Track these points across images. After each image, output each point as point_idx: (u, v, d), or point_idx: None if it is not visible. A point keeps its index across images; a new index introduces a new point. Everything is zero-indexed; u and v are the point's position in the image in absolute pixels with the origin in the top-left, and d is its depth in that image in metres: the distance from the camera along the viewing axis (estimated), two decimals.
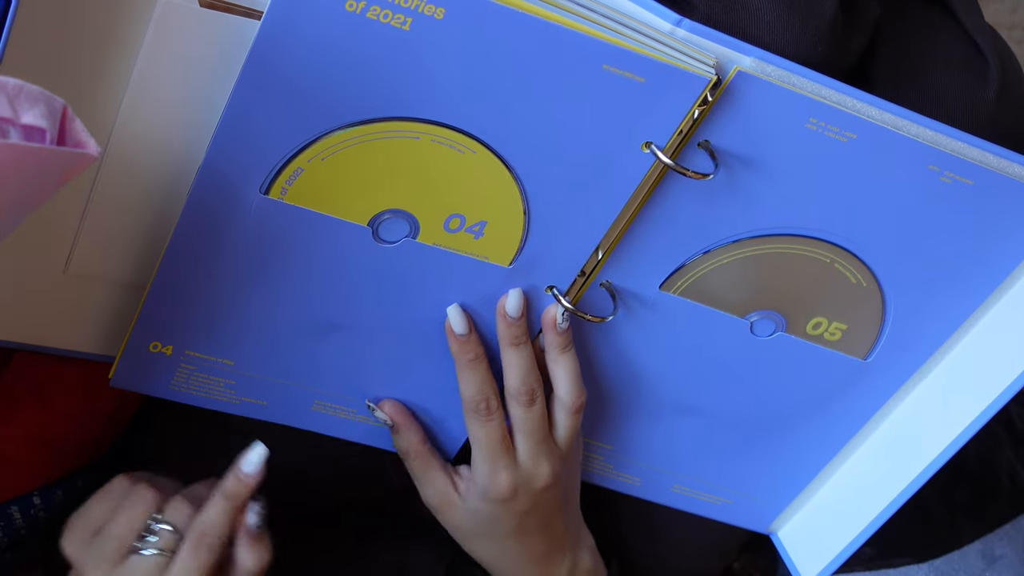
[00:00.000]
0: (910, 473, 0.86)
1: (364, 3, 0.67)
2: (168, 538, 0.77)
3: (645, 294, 0.81)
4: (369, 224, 0.75)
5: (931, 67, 0.86)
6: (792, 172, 0.76)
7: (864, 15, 0.84)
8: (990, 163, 0.77)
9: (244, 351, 0.81)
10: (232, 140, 0.71)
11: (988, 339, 0.84)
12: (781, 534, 0.94)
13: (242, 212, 0.74)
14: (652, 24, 0.71)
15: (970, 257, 0.81)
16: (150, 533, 0.77)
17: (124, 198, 0.74)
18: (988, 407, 0.82)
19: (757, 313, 0.82)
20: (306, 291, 0.78)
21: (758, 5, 0.77)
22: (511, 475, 0.81)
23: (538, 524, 0.84)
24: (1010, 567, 1.07)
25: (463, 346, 0.80)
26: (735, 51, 0.72)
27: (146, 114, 0.71)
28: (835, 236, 0.79)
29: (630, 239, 0.78)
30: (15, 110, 0.57)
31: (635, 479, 0.91)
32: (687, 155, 0.74)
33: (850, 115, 0.74)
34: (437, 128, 0.72)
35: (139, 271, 0.77)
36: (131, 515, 0.77)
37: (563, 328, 0.80)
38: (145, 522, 0.77)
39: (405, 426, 0.84)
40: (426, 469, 0.84)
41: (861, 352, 0.85)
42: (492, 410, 0.81)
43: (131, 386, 0.81)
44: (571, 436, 0.82)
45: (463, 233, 0.76)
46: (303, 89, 0.69)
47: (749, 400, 0.87)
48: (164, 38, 0.69)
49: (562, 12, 0.69)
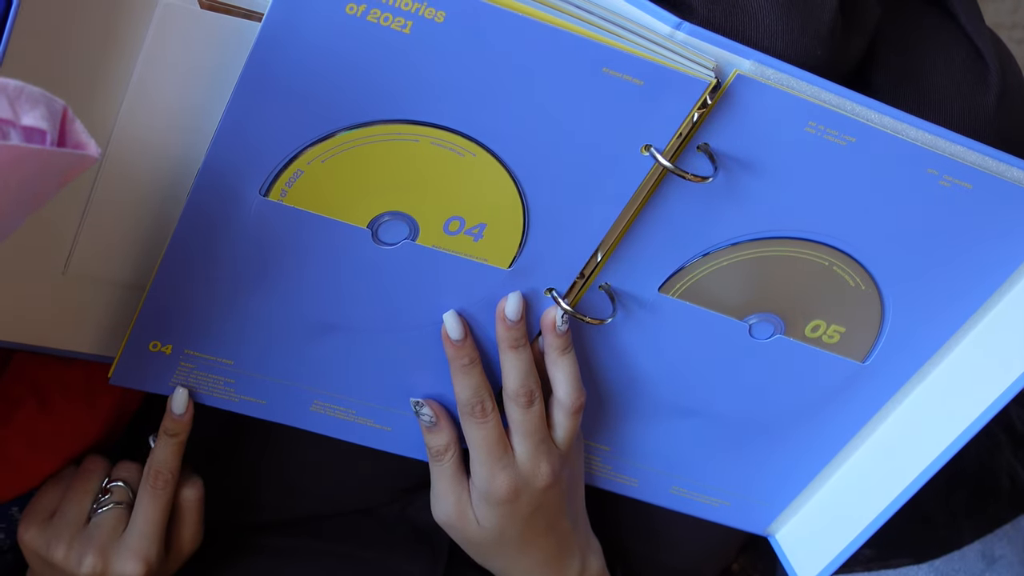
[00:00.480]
0: (908, 476, 0.86)
1: (365, 6, 0.67)
2: (122, 491, 0.84)
3: (644, 296, 0.81)
4: (369, 226, 0.75)
5: (931, 70, 0.86)
6: (791, 175, 0.76)
7: (864, 18, 0.84)
8: (989, 167, 0.77)
9: (243, 350, 0.81)
10: (232, 142, 0.71)
11: (987, 342, 0.84)
12: (779, 536, 0.94)
13: (242, 214, 0.74)
14: (651, 27, 0.71)
15: (969, 260, 0.81)
16: (105, 493, 0.84)
17: (124, 200, 0.74)
18: (986, 410, 0.82)
19: (756, 316, 0.82)
20: (305, 292, 0.78)
21: (757, 8, 0.77)
22: (510, 476, 0.81)
23: (544, 527, 0.84)
24: (1010, 568, 1.07)
25: (458, 351, 0.80)
26: (734, 54, 0.72)
27: (146, 115, 0.71)
28: (834, 239, 0.79)
29: (629, 241, 0.78)
30: (16, 112, 0.57)
31: (633, 480, 0.91)
32: (686, 158, 0.74)
33: (849, 119, 0.74)
34: (437, 131, 0.72)
35: (138, 272, 0.77)
36: (84, 484, 0.84)
37: (563, 330, 0.80)
38: (99, 485, 0.84)
39: (447, 424, 0.84)
40: (457, 472, 0.84)
41: (859, 355, 0.85)
42: (487, 412, 0.81)
43: (131, 384, 0.82)
44: (570, 437, 0.83)
45: (462, 235, 0.76)
46: (303, 91, 0.69)
47: (747, 402, 0.87)
48: (164, 39, 0.69)
49: (562, 15, 0.69)
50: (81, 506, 0.84)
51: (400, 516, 0.97)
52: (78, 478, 0.85)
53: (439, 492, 0.84)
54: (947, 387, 0.86)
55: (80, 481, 0.85)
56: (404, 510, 0.97)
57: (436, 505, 0.84)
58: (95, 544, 0.83)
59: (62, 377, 0.83)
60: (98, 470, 0.85)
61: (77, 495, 0.84)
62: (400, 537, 0.97)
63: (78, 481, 0.84)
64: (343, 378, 0.83)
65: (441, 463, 0.84)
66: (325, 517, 0.96)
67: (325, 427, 0.86)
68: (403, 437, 0.87)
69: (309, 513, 0.95)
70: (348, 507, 0.96)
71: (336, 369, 0.83)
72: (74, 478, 0.85)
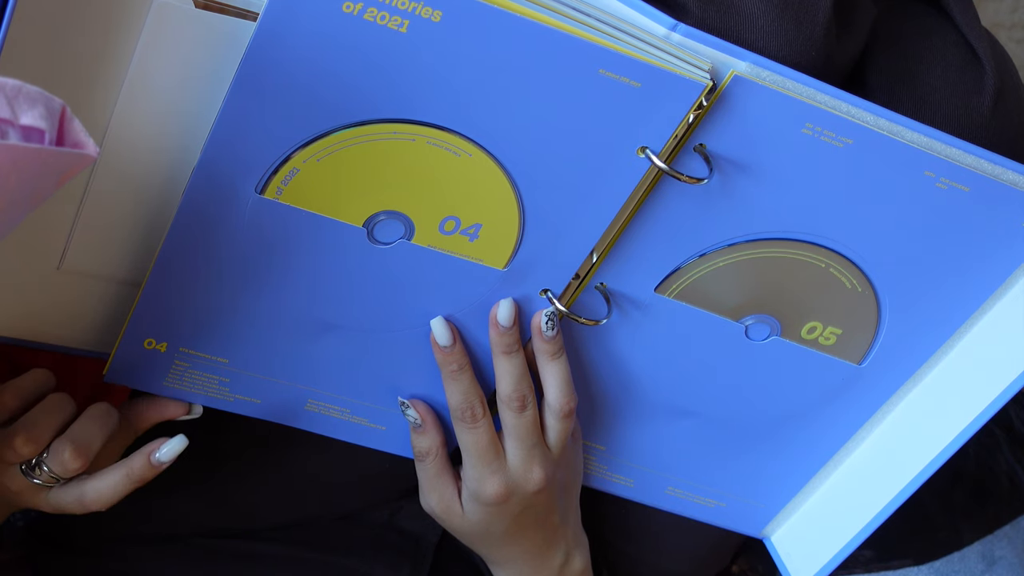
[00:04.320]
0: (903, 478, 0.86)
1: (361, 5, 0.67)
2: (46, 478, 0.79)
3: (640, 297, 0.81)
4: (364, 225, 0.75)
5: (927, 72, 0.86)
6: (788, 177, 0.76)
7: (859, 19, 0.84)
8: (985, 169, 0.77)
9: (238, 349, 0.81)
10: (228, 140, 0.71)
11: (983, 345, 0.84)
12: (774, 538, 0.94)
13: (237, 212, 0.74)
14: (647, 28, 0.71)
15: (965, 263, 0.81)
16: (38, 465, 0.79)
17: (119, 197, 0.74)
18: (981, 414, 0.82)
19: (752, 317, 0.82)
20: (301, 291, 0.78)
21: (752, 10, 0.77)
22: (500, 479, 0.82)
23: (532, 523, 0.85)
24: (1010, 568, 1.07)
25: (447, 357, 0.81)
26: (730, 56, 0.72)
27: (141, 113, 0.72)
28: (830, 241, 0.79)
29: (625, 242, 0.78)
30: (14, 111, 0.57)
31: (628, 481, 0.91)
32: (682, 159, 0.74)
33: (846, 120, 0.74)
34: (433, 130, 0.72)
35: (133, 269, 0.78)
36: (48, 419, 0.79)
37: (549, 335, 0.80)
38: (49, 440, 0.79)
39: (432, 427, 0.84)
40: (440, 473, 0.84)
41: (856, 357, 0.85)
42: (478, 417, 0.81)
43: (125, 382, 0.82)
44: (563, 440, 0.83)
45: (458, 235, 0.77)
46: (299, 90, 0.69)
47: (743, 403, 0.87)
48: (159, 38, 0.70)
49: (559, 16, 0.69)
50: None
51: (389, 523, 0.98)
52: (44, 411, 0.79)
53: (424, 488, 0.85)
54: (943, 389, 0.86)
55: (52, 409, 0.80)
56: (393, 516, 0.97)
57: (423, 497, 0.85)
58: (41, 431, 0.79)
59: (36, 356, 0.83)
60: (68, 408, 0.80)
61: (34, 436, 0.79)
62: (387, 544, 0.97)
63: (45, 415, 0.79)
64: (338, 377, 0.83)
65: (424, 464, 0.84)
66: (313, 523, 0.96)
67: (319, 426, 0.86)
68: (398, 436, 0.87)
69: (298, 519, 0.96)
70: (338, 512, 0.96)
71: (331, 368, 0.83)
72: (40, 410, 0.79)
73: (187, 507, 0.94)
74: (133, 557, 0.96)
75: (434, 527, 0.97)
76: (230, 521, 0.95)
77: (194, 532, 0.95)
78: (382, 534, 0.97)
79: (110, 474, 0.80)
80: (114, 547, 0.95)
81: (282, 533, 0.96)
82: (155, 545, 0.96)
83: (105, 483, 0.80)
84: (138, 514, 0.92)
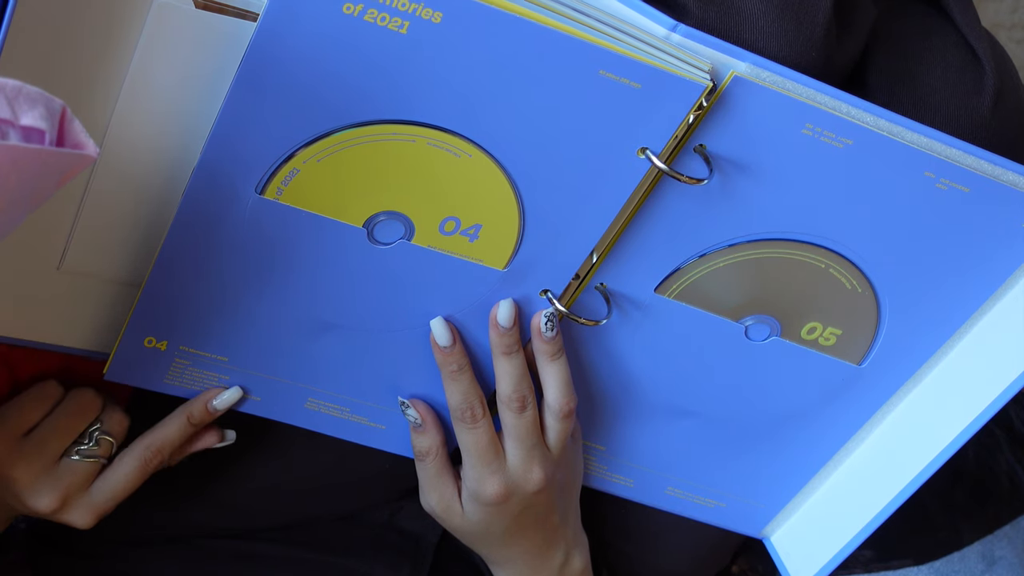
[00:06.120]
0: (903, 478, 0.86)
1: (361, 6, 0.67)
2: (108, 446, 0.82)
3: (640, 297, 0.81)
4: (364, 225, 0.75)
5: (927, 73, 0.86)
6: (788, 177, 0.76)
7: (859, 20, 0.84)
8: (985, 170, 0.77)
9: (238, 348, 0.81)
10: (228, 140, 0.71)
11: (983, 345, 0.84)
12: (774, 539, 0.94)
13: (238, 212, 0.74)
14: (647, 29, 0.71)
15: (965, 263, 0.81)
16: (88, 439, 0.81)
17: (118, 197, 0.75)
18: (981, 414, 0.82)
19: (752, 317, 0.82)
20: (301, 291, 0.78)
21: (752, 10, 0.77)
22: (500, 480, 0.82)
23: (532, 523, 0.85)
24: (1010, 568, 1.07)
25: (447, 357, 0.81)
26: (730, 56, 0.72)
27: (141, 113, 0.72)
28: (830, 241, 0.79)
29: (625, 243, 0.78)
30: (14, 111, 0.57)
31: (628, 481, 0.91)
32: (682, 160, 0.74)
33: (846, 121, 0.74)
34: (434, 131, 0.72)
35: (133, 269, 0.78)
36: (73, 421, 0.81)
37: (548, 336, 0.80)
38: (85, 426, 0.82)
39: (432, 427, 0.84)
40: (439, 473, 0.84)
41: (856, 358, 0.85)
42: (478, 417, 0.81)
43: (126, 380, 0.82)
44: (562, 440, 0.83)
45: (458, 236, 0.77)
46: (300, 90, 0.69)
47: (743, 404, 0.87)
48: (159, 38, 0.70)
49: (559, 17, 0.69)
50: (61, 441, 0.81)
51: (389, 523, 0.98)
52: (69, 413, 0.81)
53: (424, 487, 0.85)
54: (943, 390, 0.86)
55: (69, 417, 0.81)
56: (393, 516, 0.98)
57: (423, 496, 0.85)
58: (61, 487, 0.81)
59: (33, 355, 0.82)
60: (92, 409, 0.82)
61: (61, 429, 0.81)
62: (387, 544, 0.97)
63: (67, 417, 0.81)
64: (338, 376, 0.83)
65: (424, 463, 0.84)
66: (313, 524, 0.96)
67: (319, 425, 0.86)
68: (398, 436, 0.87)
69: (298, 520, 0.96)
70: (338, 513, 0.96)
71: (331, 367, 0.83)
72: (65, 410, 0.81)
73: (187, 508, 0.94)
74: (134, 559, 0.96)
75: (434, 527, 0.98)
76: (230, 522, 0.95)
77: (195, 533, 0.95)
78: (382, 534, 0.97)
79: (174, 419, 0.83)
80: (115, 549, 0.96)
81: (282, 533, 0.96)
82: (156, 546, 0.96)
83: (170, 428, 0.82)
84: (139, 515, 0.92)
